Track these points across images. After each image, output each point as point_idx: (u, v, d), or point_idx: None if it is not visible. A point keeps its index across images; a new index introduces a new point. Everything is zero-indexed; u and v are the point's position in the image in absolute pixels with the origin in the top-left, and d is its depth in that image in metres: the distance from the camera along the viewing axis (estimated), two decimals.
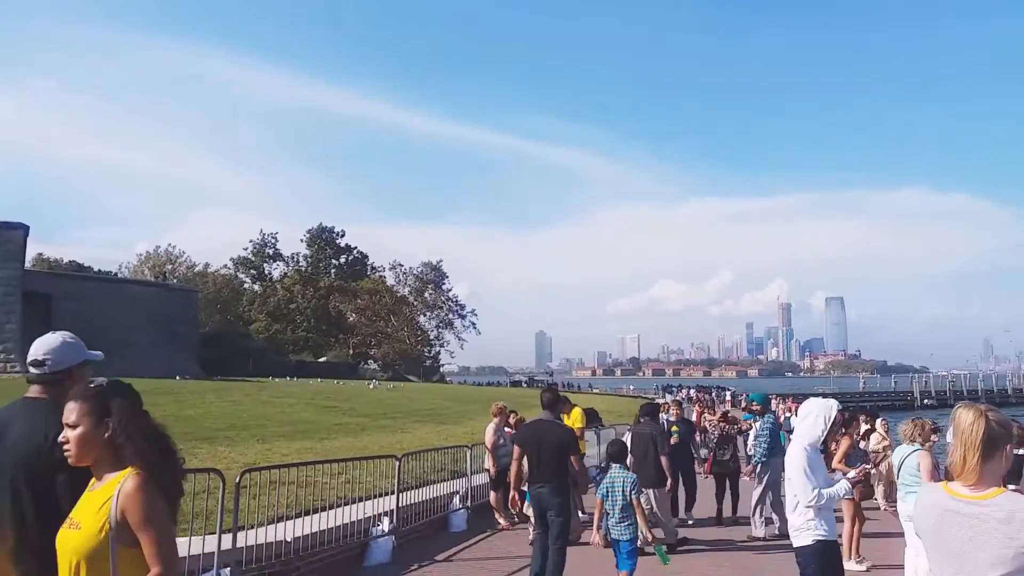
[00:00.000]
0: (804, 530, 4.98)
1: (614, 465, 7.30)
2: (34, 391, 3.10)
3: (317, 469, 9.41)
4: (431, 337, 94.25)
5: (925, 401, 63.51)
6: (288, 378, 47.31)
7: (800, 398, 40.35)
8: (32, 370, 3.11)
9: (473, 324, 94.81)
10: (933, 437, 7.70)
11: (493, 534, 10.50)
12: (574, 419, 11.32)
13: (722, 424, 12.79)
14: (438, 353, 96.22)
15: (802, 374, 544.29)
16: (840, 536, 8.86)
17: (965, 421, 2.71)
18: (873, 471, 12.68)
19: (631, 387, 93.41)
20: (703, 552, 9.66)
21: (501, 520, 10.99)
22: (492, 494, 11.26)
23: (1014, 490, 2.80)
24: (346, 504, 8.72)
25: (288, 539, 7.37)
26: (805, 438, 5.16)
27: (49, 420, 2.81)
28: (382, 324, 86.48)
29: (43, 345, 3.12)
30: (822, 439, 5.18)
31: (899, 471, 7.53)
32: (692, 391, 60.13)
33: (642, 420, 10.59)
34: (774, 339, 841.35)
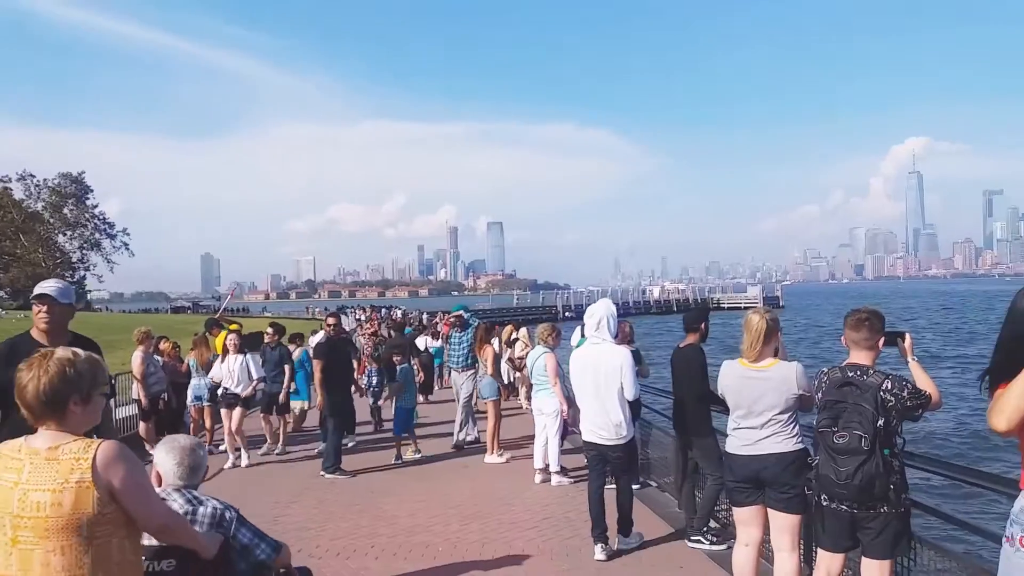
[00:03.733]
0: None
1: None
2: None
3: None
4: (73, 260, 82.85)
5: (566, 314, 71.62)
6: None
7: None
8: None
9: (125, 245, 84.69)
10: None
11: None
12: (217, 345, 11.14)
13: (373, 338, 16.29)
14: (83, 278, 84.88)
15: (466, 292, 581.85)
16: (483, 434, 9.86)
17: (753, 319, 4.24)
18: (518, 375, 14.15)
19: (317, 309, 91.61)
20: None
21: (152, 451, 10.33)
22: (142, 424, 10.53)
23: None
24: None
25: None
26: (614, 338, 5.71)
27: None
28: (9, 244, 74.23)
29: None
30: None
31: (532, 371, 8.54)
32: (364, 311, 60.92)
33: (394, 334, 15.18)
34: (443, 260, 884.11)
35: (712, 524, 6.03)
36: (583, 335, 9.16)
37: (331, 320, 10.56)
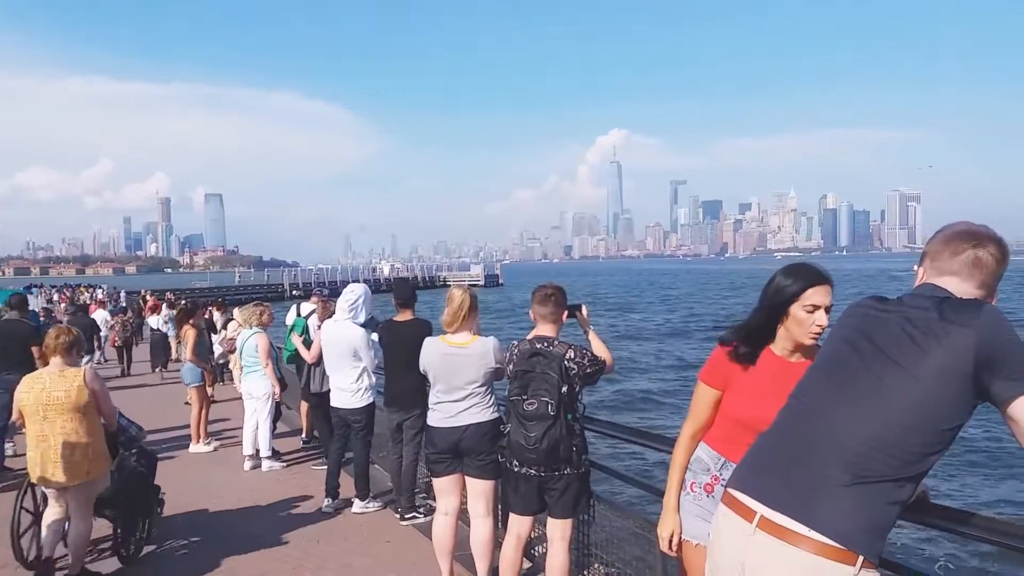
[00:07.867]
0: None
1: None
2: None
3: None
4: None
5: (294, 292, 68.96)
6: None
7: (177, 292, 39.82)
8: None
9: None
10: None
11: None
12: None
13: None
14: None
15: (182, 270, 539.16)
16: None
17: (456, 294, 4.41)
18: (232, 356, 13.39)
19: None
20: None
21: None
22: None
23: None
24: None
25: None
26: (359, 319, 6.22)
27: None
28: None
29: None
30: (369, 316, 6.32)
31: (242, 353, 8.12)
32: (56, 291, 53.82)
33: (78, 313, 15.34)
34: (154, 234, 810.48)
35: (422, 496, 6.20)
36: (299, 314, 8.95)
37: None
